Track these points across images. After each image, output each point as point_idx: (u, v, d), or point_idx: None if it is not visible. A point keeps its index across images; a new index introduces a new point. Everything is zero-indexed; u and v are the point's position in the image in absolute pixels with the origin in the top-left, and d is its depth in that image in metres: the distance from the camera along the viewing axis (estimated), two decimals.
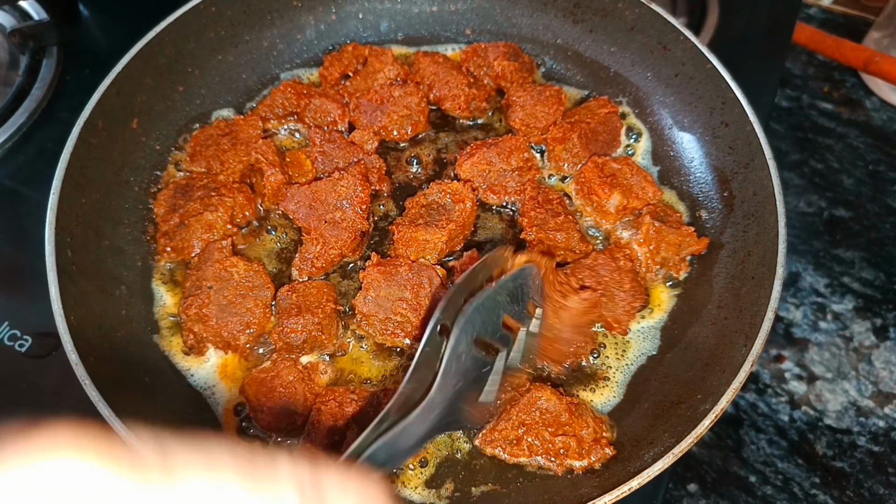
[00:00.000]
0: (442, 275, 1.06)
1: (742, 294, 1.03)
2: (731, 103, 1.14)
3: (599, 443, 0.95)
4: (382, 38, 1.40)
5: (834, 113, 2.03)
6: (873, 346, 1.72)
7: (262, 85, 1.33)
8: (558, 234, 1.09)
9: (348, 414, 0.94)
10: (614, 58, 1.32)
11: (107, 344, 0.98)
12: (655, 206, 1.14)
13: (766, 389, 1.68)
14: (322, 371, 1.03)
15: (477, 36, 1.39)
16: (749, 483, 1.57)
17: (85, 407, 0.87)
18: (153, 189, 1.18)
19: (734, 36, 1.60)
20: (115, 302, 1.05)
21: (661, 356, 1.06)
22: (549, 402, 0.96)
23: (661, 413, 0.98)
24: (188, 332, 1.03)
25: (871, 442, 1.61)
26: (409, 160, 1.25)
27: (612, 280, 1.04)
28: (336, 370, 1.04)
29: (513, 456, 0.96)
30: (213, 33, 1.26)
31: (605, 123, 1.22)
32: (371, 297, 1.03)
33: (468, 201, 1.11)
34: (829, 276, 1.80)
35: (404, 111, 1.23)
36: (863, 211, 1.89)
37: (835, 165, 1.95)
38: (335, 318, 1.06)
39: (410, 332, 1.02)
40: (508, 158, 1.15)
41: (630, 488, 0.83)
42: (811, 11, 2.20)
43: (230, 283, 1.04)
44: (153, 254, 1.13)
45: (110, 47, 1.39)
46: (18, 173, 1.33)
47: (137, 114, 1.18)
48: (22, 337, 1.14)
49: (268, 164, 1.15)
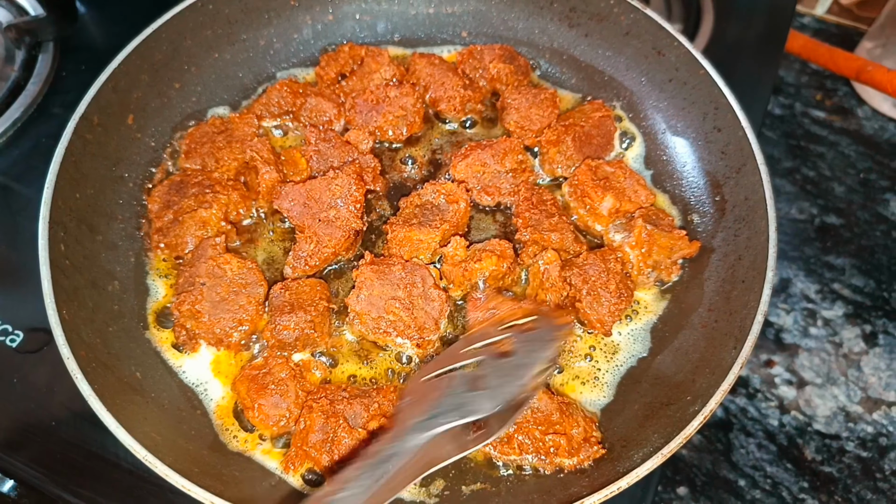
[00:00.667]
0: (435, 274, 1.06)
1: (732, 297, 1.04)
2: (723, 109, 1.15)
3: (589, 441, 0.95)
4: (379, 39, 1.40)
5: (826, 121, 2.05)
6: (863, 352, 1.73)
7: (258, 83, 1.34)
8: (552, 235, 1.09)
9: (340, 412, 0.94)
10: (609, 62, 1.33)
11: (99, 339, 0.98)
12: (648, 210, 1.15)
13: (756, 394, 1.69)
14: (314, 368, 1.04)
15: (473, 38, 1.40)
16: (738, 487, 1.58)
17: (76, 402, 0.87)
18: (147, 185, 1.18)
19: (728, 43, 1.61)
20: (108, 297, 1.05)
21: (651, 358, 1.07)
22: (540, 402, 0.96)
23: (650, 414, 0.98)
24: (181, 329, 1.03)
25: (859, 447, 1.62)
26: (403, 160, 1.25)
27: (599, 280, 1.05)
28: (328, 368, 1.04)
29: (503, 454, 0.96)
30: (209, 31, 1.27)
31: (598, 127, 1.23)
32: (364, 295, 1.03)
33: (462, 202, 1.12)
34: (819, 283, 1.82)
35: (400, 112, 1.24)
36: (853, 218, 1.90)
37: (826, 173, 1.97)
38: (328, 317, 1.06)
39: (402, 330, 1.03)
40: (503, 160, 1.16)
41: (619, 488, 0.84)
42: (805, 21, 2.22)
43: (223, 279, 1.04)
44: (146, 250, 1.13)
45: (106, 44, 1.40)
46: (13, 168, 1.33)
47: (133, 110, 1.18)
48: (13, 332, 1.13)
49: (263, 161, 1.15)
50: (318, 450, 0.92)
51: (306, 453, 0.93)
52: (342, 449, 0.92)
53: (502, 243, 1.09)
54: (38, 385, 1.09)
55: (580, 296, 1.04)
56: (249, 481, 0.93)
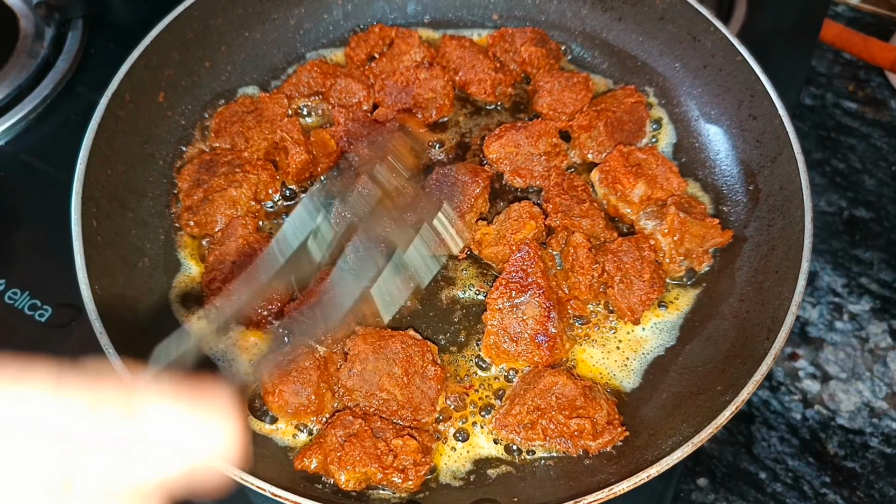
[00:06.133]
0: (433, 351, 1.01)
1: (765, 288, 1.03)
2: (759, 96, 1.13)
3: (613, 424, 0.95)
4: (409, 21, 1.39)
5: (858, 112, 2.01)
6: (889, 347, 1.71)
7: (287, 64, 1.33)
8: (583, 221, 1.08)
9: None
10: (642, 47, 1.31)
11: (129, 314, 0.99)
12: (680, 198, 1.13)
13: (780, 387, 1.67)
14: (338, 364, 1.02)
15: (504, 21, 1.39)
16: (759, 479, 1.57)
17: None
18: (178, 163, 1.19)
19: (761, 31, 1.58)
20: (138, 273, 1.05)
21: (680, 347, 1.06)
22: (565, 388, 0.96)
23: (679, 403, 0.98)
24: (210, 306, 1.04)
25: (883, 443, 1.61)
26: (431, 143, 1.24)
27: (633, 268, 1.04)
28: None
29: (528, 440, 0.96)
30: (240, 9, 1.26)
31: (631, 113, 1.21)
32: (357, 370, 0.97)
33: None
34: (846, 277, 1.79)
35: (429, 94, 1.23)
36: (883, 212, 1.87)
37: (857, 165, 1.93)
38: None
39: (396, 411, 0.96)
40: (537, 142, 1.15)
41: (649, 475, 0.83)
42: (839, 9, 2.17)
43: (253, 258, 1.04)
44: (176, 227, 1.13)
45: (135, 22, 1.39)
46: (42, 144, 1.33)
47: (164, 88, 1.18)
48: (42, 307, 1.14)
49: (292, 142, 1.15)
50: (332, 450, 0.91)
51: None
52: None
53: (524, 205, 1.09)
54: (65, 359, 1.10)
55: (612, 282, 1.04)
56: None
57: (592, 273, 1.04)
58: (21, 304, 1.14)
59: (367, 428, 0.92)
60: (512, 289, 1.02)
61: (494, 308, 1.02)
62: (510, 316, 1.01)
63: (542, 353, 0.99)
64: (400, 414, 0.96)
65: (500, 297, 1.02)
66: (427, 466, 0.92)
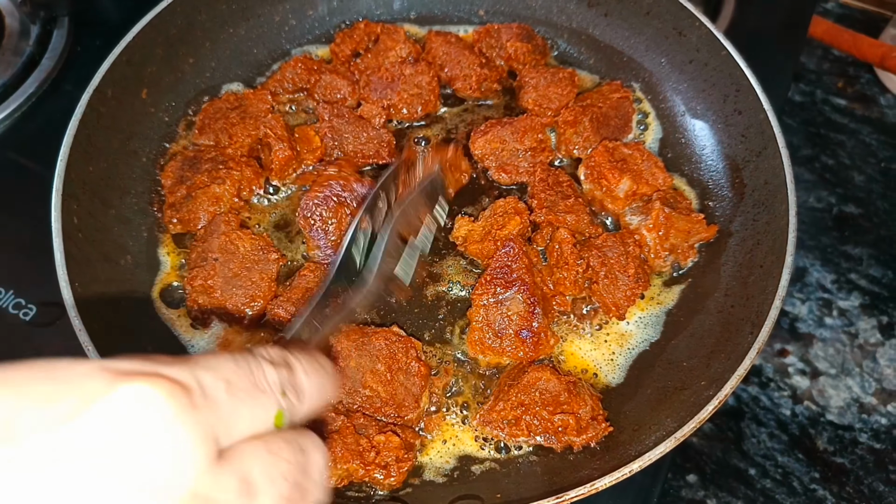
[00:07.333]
0: (417, 347, 1.00)
1: (750, 283, 1.02)
2: (745, 91, 1.13)
3: (597, 419, 0.94)
4: (395, 17, 1.38)
5: (847, 109, 2.01)
6: (878, 343, 1.70)
7: (272, 60, 1.32)
8: (568, 216, 1.08)
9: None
10: (628, 43, 1.31)
11: (111, 312, 0.98)
12: (665, 193, 1.13)
13: (769, 383, 1.67)
14: None
15: (490, 17, 1.38)
16: (748, 476, 1.56)
17: None
18: (161, 160, 1.18)
19: (750, 27, 1.58)
20: (120, 271, 1.05)
21: (664, 342, 1.05)
22: (548, 383, 0.95)
23: (663, 398, 0.97)
24: (192, 304, 1.03)
25: (872, 439, 1.61)
26: (417, 139, 1.24)
27: (617, 263, 1.04)
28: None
29: (512, 436, 0.96)
30: (224, 6, 1.26)
31: (616, 108, 1.21)
32: (339, 367, 0.96)
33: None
34: (836, 273, 1.79)
35: (415, 90, 1.22)
36: (873, 208, 1.87)
37: (846, 162, 1.93)
38: None
39: (379, 408, 0.95)
40: (522, 138, 1.15)
41: (631, 471, 0.83)
42: (828, 6, 2.17)
43: (236, 255, 1.04)
44: (159, 225, 1.12)
45: (121, 19, 1.37)
46: (27, 143, 1.32)
47: (147, 84, 1.17)
48: (27, 305, 1.13)
49: (276, 138, 1.14)
50: None
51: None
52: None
53: (509, 201, 1.10)
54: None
55: (597, 278, 1.03)
56: None
57: (577, 268, 1.04)
58: (5, 302, 1.13)
59: (350, 425, 0.92)
60: (497, 284, 1.01)
61: (479, 304, 1.02)
62: (495, 311, 1.00)
63: (527, 349, 0.99)
64: (383, 411, 0.95)
65: (485, 292, 1.02)
66: (410, 463, 0.92)
